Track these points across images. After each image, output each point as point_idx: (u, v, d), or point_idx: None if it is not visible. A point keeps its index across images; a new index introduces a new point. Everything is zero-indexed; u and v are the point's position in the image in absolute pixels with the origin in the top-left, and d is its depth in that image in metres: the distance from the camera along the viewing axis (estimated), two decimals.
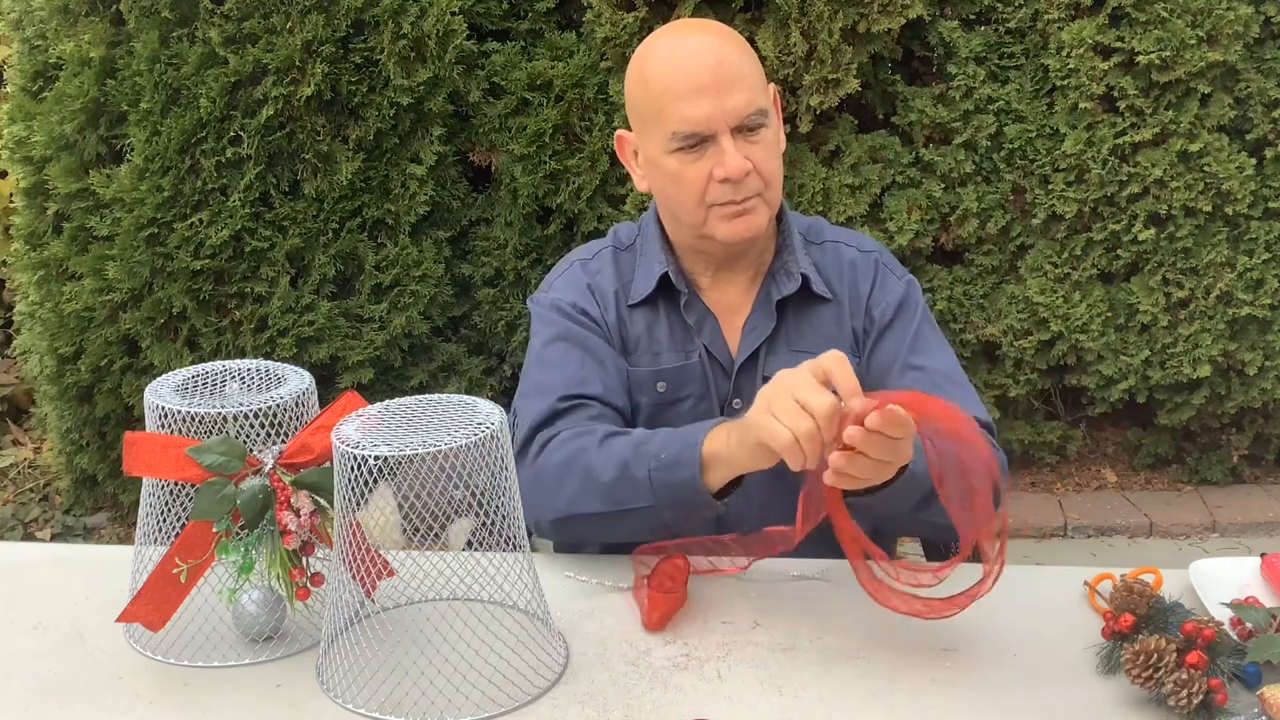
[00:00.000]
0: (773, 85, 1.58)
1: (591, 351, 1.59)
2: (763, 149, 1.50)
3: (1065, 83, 3.69)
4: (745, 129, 1.48)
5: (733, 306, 1.62)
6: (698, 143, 1.48)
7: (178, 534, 1.27)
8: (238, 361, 1.37)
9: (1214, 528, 3.83)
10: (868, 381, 1.37)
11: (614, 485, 1.42)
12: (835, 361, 1.24)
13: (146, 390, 1.31)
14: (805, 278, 1.59)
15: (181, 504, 1.31)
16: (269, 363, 1.37)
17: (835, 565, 1.50)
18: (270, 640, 1.30)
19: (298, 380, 1.34)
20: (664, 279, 1.60)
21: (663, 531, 1.46)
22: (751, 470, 1.36)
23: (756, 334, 1.60)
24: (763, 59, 3.59)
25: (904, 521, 1.47)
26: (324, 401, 1.32)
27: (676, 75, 1.49)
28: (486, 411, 1.20)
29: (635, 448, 1.43)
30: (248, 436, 1.28)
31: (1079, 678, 1.21)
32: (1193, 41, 3.53)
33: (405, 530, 1.25)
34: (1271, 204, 3.68)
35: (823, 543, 1.59)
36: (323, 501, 1.27)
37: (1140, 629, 1.22)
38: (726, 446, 1.36)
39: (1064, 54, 3.67)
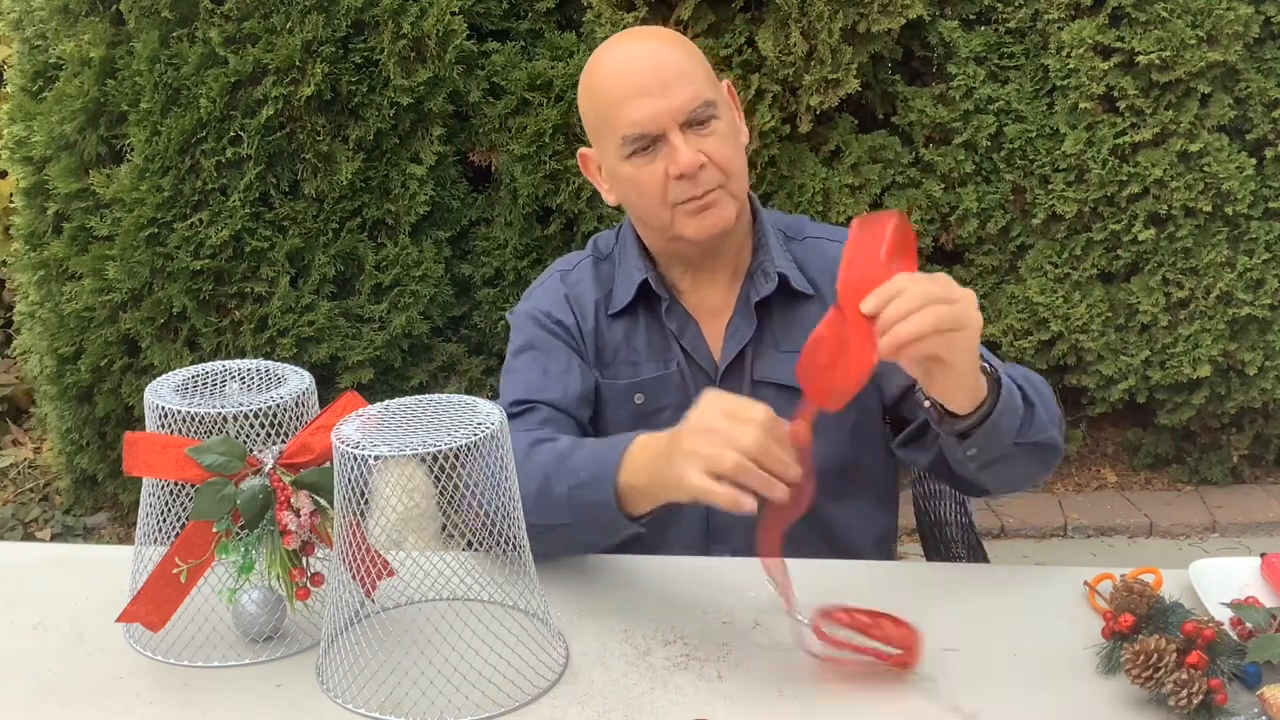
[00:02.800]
0: (726, 81, 1.58)
1: (555, 359, 1.59)
2: (716, 140, 1.49)
3: (1065, 83, 3.69)
4: (694, 123, 1.48)
5: (715, 310, 1.61)
6: (649, 144, 1.48)
7: (178, 534, 1.27)
8: (238, 361, 1.37)
9: (1214, 528, 3.83)
10: (880, 368, 1.27)
11: (536, 499, 1.34)
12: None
13: (146, 390, 1.31)
14: (783, 277, 1.57)
15: (181, 504, 1.31)
16: (269, 363, 1.37)
17: (835, 565, 1.50)
18: (270, 640, 1.30)
19: (298, 380, 1.34)
20: (644, 286, 1.60)
21: (586, 550, 1.43)
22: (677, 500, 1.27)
23: (739, 337, 1.59)
24: (763, 59, 3.62)
25: (1010, 458, 1.39)
26: (324, 401, 1.32)
27: (618, 81, 1.49)
28: (486, 411, 1.20)
29: (558, 460, 1.37)
30: (248, 436, 1.28)
31: (1079, 678, 1.21)
32: (1193, 41, 3.53)
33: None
34: (1271, 204, 3.68)
35: (821, 544, 1.60)
36: (323, 501, 1.27)
37: (1140, 629, 1.22)
38: (646, 479, 1.28)
39: (1064, 54, 3.67)
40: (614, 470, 1.31)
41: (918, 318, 1.15)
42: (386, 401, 1.24)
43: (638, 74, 1.48)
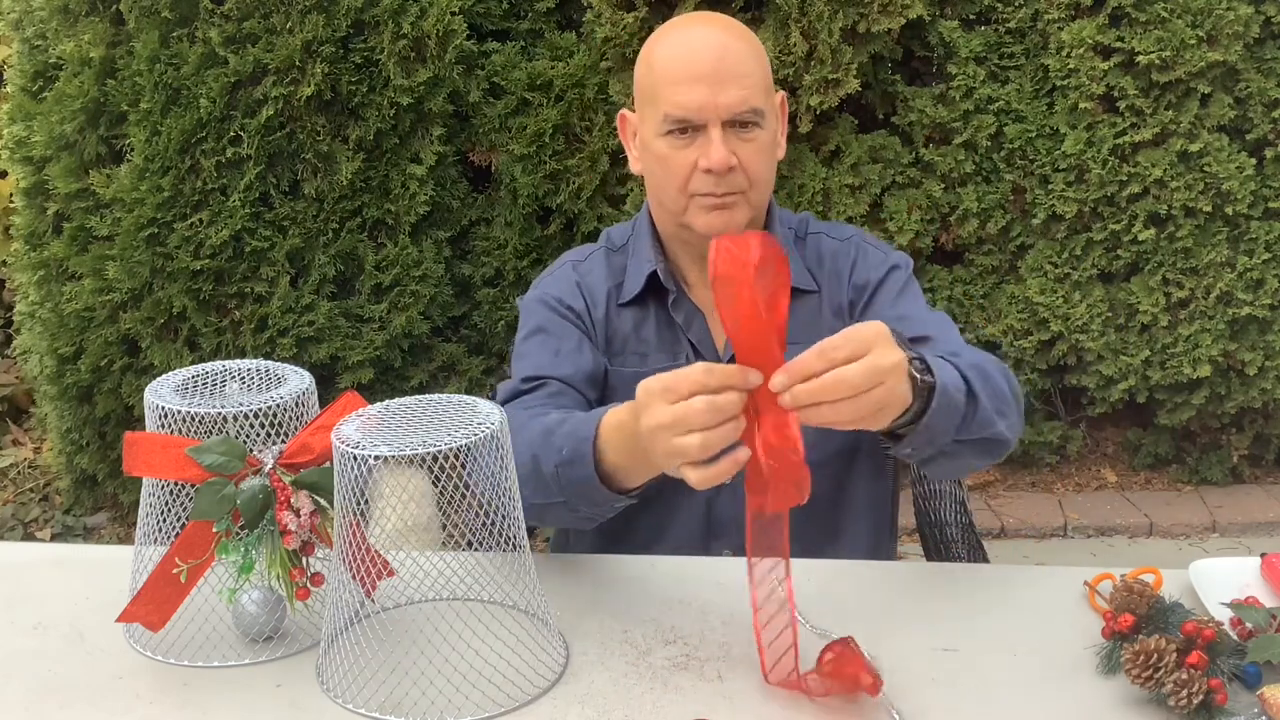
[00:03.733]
0: (781, 93, 1.59)
1: (566, 340, 1.60)
2: (752, 149, 1.50)
3: (1065, 83, 3.69)
4: (737, 125, 1.49)
5: None
6: (688, 130, 1.49)
7: (178, 534, 1.27)
8: (238, 361, 1.37)
9: (1214, 528, 3.83)
10: None
11: (528, 478, 1.34)
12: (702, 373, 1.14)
13: (146, 390, 1.31)
14: None
15: (181, 504, 1.31)
16: (269, 363, 1.37)
17: (834, 566, 1.50)
18: (270, 640, 1.30)
19: (298, 380, 1.34)
20: (653, 278, 1.61)
21: (590, 521, 1.42)
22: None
23: None
24: None
25: (950, 454, 1.37)
26: (324, 401, 1.32)
27: (678, 61, 1.50)
28: (486, 411, 1.20)
29: (545, 437, 1.36)
30: (248, 436, 1.28)
31: (1079, 678, 1.21)
32: (1193, 41, 3.53)
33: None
34: (1271, 204, 3.68)
35: (820, 543, 1.60)
36: (323, 501, 1.27)
37: (1140, 629, 1.22)
38: (628, 459, 1.27)
39: (1064, 54, 3.67)
40: (590, 451, 1.30)
41: (846, 409, 1.13)
42: (386, 401, 1.24)
43: (699, 61, 1.48)
